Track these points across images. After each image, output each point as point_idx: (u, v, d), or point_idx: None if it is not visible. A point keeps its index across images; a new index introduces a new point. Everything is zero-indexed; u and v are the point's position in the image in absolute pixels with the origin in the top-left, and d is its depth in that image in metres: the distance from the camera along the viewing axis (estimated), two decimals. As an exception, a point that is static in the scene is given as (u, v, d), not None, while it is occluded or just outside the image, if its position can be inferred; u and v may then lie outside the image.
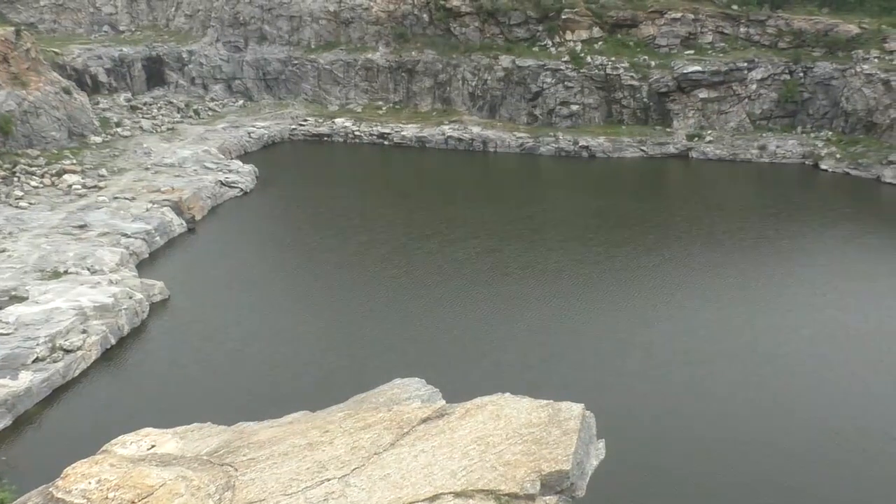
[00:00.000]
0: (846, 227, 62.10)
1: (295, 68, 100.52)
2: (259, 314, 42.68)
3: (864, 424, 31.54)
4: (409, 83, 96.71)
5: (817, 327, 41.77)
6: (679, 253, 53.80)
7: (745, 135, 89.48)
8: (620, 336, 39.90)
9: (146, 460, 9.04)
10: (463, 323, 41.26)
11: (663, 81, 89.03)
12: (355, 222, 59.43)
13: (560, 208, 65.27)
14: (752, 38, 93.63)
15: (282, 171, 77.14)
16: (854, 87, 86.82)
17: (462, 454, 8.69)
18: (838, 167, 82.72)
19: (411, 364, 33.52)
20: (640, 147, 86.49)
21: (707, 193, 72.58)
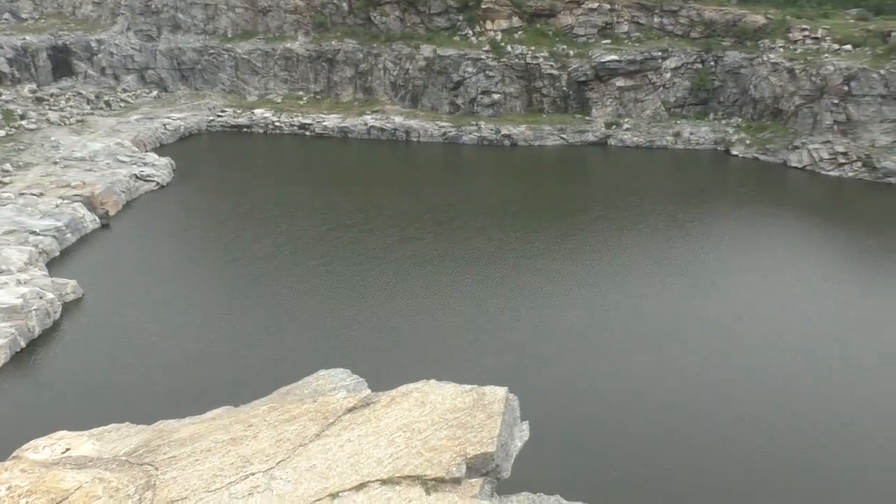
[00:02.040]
0: (753, 209, 64.96)
1: (211, 58, 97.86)
2: (177, 310, 41.51)
3: (770, 400, 33.02)
4: (329, 73, 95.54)
5: (723, 307, 43.37)
6: (596, 238, 55.02)
7: (661, 122, 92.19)
8: (541, 320, 40.57)
9: (60, 464, 8.70)
10: (385, 311, 41.16)
11: (582, 70, 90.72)
12: (275, 213, 58.49)
13: (481, 196, 65.80)
14: (665, 28, 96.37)
15: (200, 163, 75.13)
16: (761, 75, 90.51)
17: (388, 442, 8.71)
18: (748, 153, 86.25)
19: (335, 355, 33.34)
20: (560, 135, 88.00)
21: (624, 179, 74.48)
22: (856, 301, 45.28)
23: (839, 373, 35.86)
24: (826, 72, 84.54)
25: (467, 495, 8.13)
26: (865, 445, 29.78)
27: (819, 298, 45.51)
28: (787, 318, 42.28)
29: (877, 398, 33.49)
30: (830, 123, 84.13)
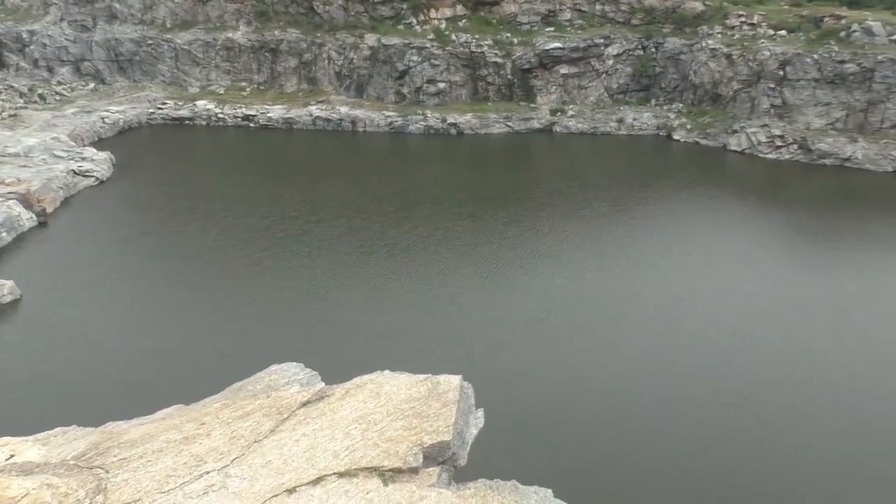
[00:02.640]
0: (695, 192, 66.59)
1: (150, 49, 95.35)
2: (121, 308, 40.52)
3: (714, 381, 33.93)
4: (273, 63, 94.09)
5: (666, 290, 44.29)
6: (542, 224, 55.56)
7: (605, 108, 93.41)
8: (490, 307, 40.84)
9: (5, 471, 8.45)
10: (335, 303, 40.91)
11: (526, 58, 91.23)
12: (219, 207, 57.44)
13: (428, 185, 65.86)
14: (607, 16, 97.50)
15: (141, 157, 73.31)
16: (700, 61, 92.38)
17: (344, 434, 8.69)
18: (689, 137, 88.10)
19: (287, 349, 32.98)
20: (506, 123, 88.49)
21: (569, 166, 75.35)
22: (794, 280, 46.77)
23: (780, 351, 37.00)
24: (762, 57, 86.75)
25: (425, 484, 8.18)
26: (808, 423, 30.84)
27: (759, 279, 46.82)
28: (728, 298, 43.39)
29: (816, 376, 34.68)
30: (767, 107, 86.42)
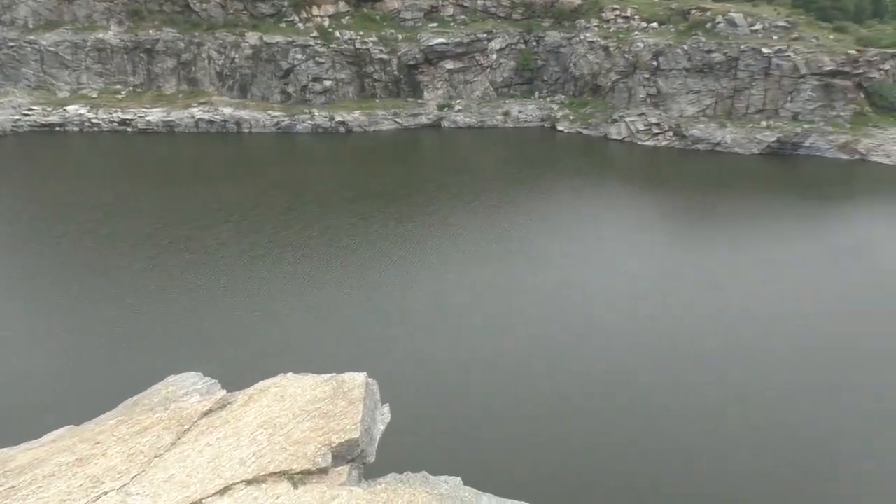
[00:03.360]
0: (579, 181, 68.97)
1: (11, 51, 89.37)
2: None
3: (608, 362, 35.32)
4: (149, 64, 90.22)
5: (556, 277, 45.58)
6: (432, 219, 55.98)
7: (490, 102, 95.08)
8: (386, 303, 40.73)
9: None
10: (229, 309, 39.70)
11: (411, 54, 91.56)
12: (97, 216, 54.44)
13: (318, 184, 64.99)
14: (489, 11, 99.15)
15: (6, 167, 68.75)
16: (580, 53, 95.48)
17: (250, 441, 8.53)
18: (572, 128, 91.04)
19: (183, 359, 31.82)
20: (394, 119, 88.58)
21: (458, 160, 76.30)
22: (674, 260, 49.25)
23: (664, 328, 38.83)
24: (637, 49, 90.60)
25: (335, 483, 8.15)
26: (693, 399, 32.53)
27: (642, 261, 48.91)
28: (614, 280, 45.10)
29: (696, 351, 36.63)
30: (644, 97, 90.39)
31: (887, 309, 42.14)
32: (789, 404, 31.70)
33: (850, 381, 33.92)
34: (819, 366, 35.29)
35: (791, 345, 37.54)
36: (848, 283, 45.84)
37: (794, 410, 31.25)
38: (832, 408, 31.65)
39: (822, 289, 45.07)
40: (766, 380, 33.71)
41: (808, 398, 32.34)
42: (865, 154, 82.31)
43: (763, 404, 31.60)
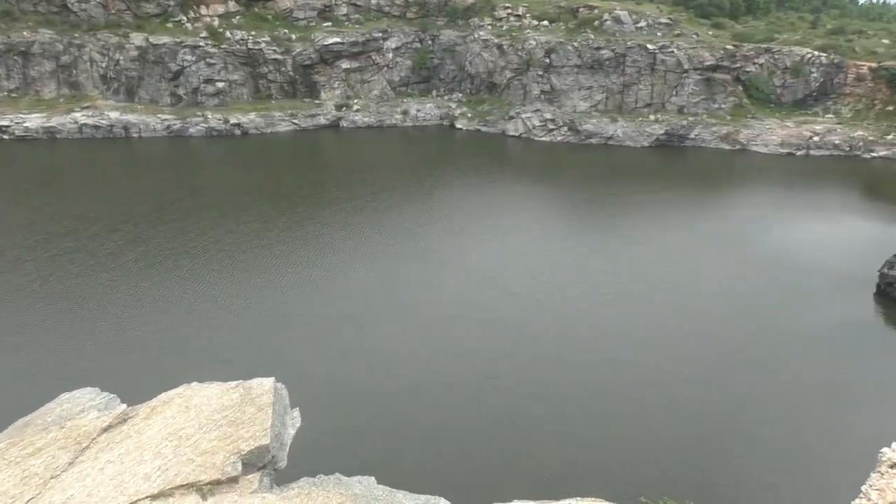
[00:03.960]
0: (478, 177, 69.85)
1: None
2: None
3: (513, 351, 36.08)
4: (24, 67, 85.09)
5: (458, 272, 46.12)
6: (333, 219, 55.26)
7: (389, 101, 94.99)
8: (290, 307, 40.00)
9: None
10: (124, 320, 37.90)
11: (306, 54, 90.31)
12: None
13: (214, 189, 63.00)
14: (383, 10, 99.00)
15: None
16: (475, 52, 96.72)
17: (154, 454, 8.24)
18: (471, 125, 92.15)
19: (77, 375, 30.32)
20: (292, 120, 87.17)
21: (358, 160, 75.77)
22: (570, 249, 50.66)
23: (564, 318, 39.92)
24: (529, 46, 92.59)
25: (246, 492, 7.99)
26: (598, 383, 33.64)
27: (542, 253, 50.11)
28: (516, 276, 45.96)
29: (585, 333, 37.93)
30: (538, 93, 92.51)
31: (771, 287, 44.85)
32: (683, 380, 33.25)
33: (739, 355, 35.92)
34: (708, 344, 37.17)
35: (684, 324, 39.41)
36: (732, 264, 48.45)
37: (687, 385, 32.80)
38: (721, 380, 33.39)
39: (709, 271, 47.44)
40: (660, 357, 35.24)
41: (699, 374, 34.00)
42: (746, 144, 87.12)
43: (659, 380, 33.01)
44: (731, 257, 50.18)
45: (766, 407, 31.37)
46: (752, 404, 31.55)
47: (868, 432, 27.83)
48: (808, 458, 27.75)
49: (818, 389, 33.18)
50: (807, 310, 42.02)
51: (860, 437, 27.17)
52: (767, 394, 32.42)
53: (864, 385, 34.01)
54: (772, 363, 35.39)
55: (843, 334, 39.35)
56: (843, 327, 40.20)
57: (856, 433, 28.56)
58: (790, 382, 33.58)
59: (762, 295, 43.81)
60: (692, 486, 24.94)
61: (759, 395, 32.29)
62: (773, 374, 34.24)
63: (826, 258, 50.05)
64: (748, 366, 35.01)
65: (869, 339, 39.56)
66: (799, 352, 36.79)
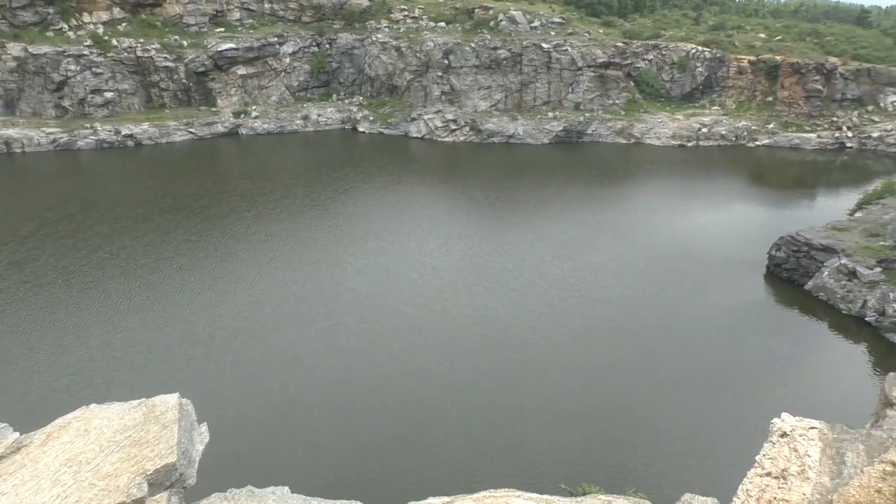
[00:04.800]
0: (382, 180, 69.70)
1: None
2: None
3: (420, 354, 36.20)
4: None
5: (366, 276, 45.90)
6: (235, 228, 53.87)
7: (288, 107, 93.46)
8: (192, 320, 38.65)
9: None
10: (13, 345, 35.60)
11: (200, 61, 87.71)
12: None
13: (106, 203, 59.90)
14: (277, 14, 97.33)
15: None
16: (373, 54, 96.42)
17: (52, 482, 7.79)
18: (373, 128, 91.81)
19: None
20: (188, 129, 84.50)
21: (259, 167, 74.13)
22: (475, 248, 51.19)
23: (470, 320, 40.24)
24: (427, 48, 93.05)
25: (153, 513, 7.67)
26: (507, 381, 34.14)
27: (447, 252, 50.43)
28: (421, 278, 45.98)
29: (493, 332, 38.49)
30: (439, 94, 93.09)
31: (668, 275, 46.68)
32: (589, 371, 34.20)
33: (641, 343, 37.23)
34: (610, 334, 38.37)
35: (587, 316, 40.52)
36: (630, 255, 50.19)
37: (593, 375, 33.76)
38: (626, 369, 34.52)
39: (608, 263, 48.98)
40: (566, 351, 36.13)
41: (603, 364, 35.05)
42: (640, 137, 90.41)
43: (566, 372, 33.82)
44: (630, 248, 51.95)
45: (669, 391, 32.65)
46: (655, 390, 32.77)
47: (762, 405, 29.40)
48: (709, 435, 29.03)
49: (716, 370, 34.79)
50: (703, 295, 43.98)
51: (755, 410, 28.59)
52: (669, 379, 33.74)
53: (758, 361, 35.92)
54: (672, 349, 36.87)
55: (737, 316, 41.41)
56: (737, 309, 42.32)
57: (751, 407, 30.09)
58: (690, 366, 35.08)
59: (661, 283, 45.57)
60: (604, 472, 25.67)
61: (661, 381, 33.57)
62: (673, 360, 35.68)
63: (719, 244, 52.55)
64: (650, 353, 36.36)
65: (761, 318, 41.79)
66: (697, 336, 38.49)
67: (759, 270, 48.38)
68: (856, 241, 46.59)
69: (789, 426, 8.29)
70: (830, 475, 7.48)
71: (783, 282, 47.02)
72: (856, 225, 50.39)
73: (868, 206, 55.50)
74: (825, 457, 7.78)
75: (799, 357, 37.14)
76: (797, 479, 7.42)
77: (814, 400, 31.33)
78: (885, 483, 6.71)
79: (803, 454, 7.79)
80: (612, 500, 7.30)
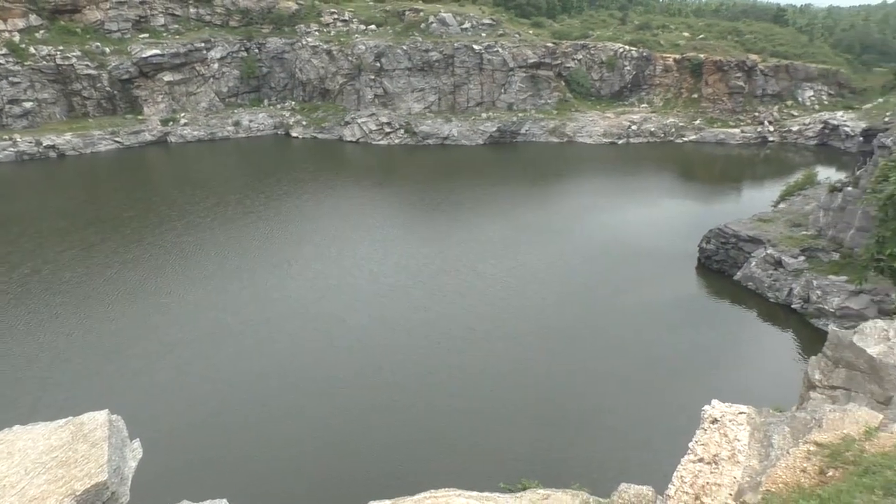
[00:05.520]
0: (315, 184, 69.03)
1: None
2: None
3: (357, 361, 35.99)
4: None
5: (303, 283, 45.36)
6: (164, 238, 52.43)
7: (219, 113, 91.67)
8: (122, 335, 37.50)
9: None
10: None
11: (124, 68, 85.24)
12: None
13: (26, 217, 57.27)
14: (203, 19, 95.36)
15: None
16: (304, 58, 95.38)
17: (-30, 511, 7.42)
18: (306, 133, 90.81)
19: None
20: (113, 139, 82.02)
21: (189, 175, 72.51)
22: (411, 250, 51.14)
23: (407, 324, 40.23)
24: (359, 51, 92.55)
25: (81, 535, 7.38)
26: (429, 375, 34.20)
27: (383, 255, 50.14)
28: (358, 280, 45.67)
29: (432, 334, 38.57)
30: (372, 97, 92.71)
31: (603, 271, 47.53)
32: (526, 369, 34.53)
33: (577, 339, 37.81)
34: (546, 332, 38.84)
35: (524, 315, 40.92)
36: (565, 252, 50.93)
37: (529, 373, 34.10)
38: (562, 366, 35.00)
39: (544, 261, 49.54)
40: (503, 349, 36.42)
41: (540, 361, 35.45)
42: (572, 136, 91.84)
43: (504, 372, 34.10)
44: (566, 246, 52.68)
45: (607, 386, 33.20)
46: (593, 385, 33.29)
47: (696, 394, 30.13)
48: (646, 426, 29.61)
49: (651, 362, 35.54)
50: (637, 290, 44.88)
51: (689, 399, 29.27)
52: (607, 373, 34.32)
53: (691, 351, 36.88)
54: (608, 344, 37.52)
55: (671, 308, 42.43)
56: (671, 302, 43.37)
57: (686, 396, 30.81)
58: (626, 360, 35.73)
59: (596, 280, 46.33)
60: (545, 468, 25.91)
61: (599, 376, 34.12)
62: (610, 355, 36.29)
63: (652, 239, 53.73)
64: (587, 349, 36.92)
65: (693, 309, 42.93)
66: (632, 330, 39.24)
67: (690, 263, 49.68)
68: (780, 232, 48.32)
69: (719, 412, 8.51)
70: (759, 457, 7.71)
71: (714, 273, 48.40)
72: (780, 216, 52.29)
73: (790, 197, 57.67)
74: (754, 440, 8.01)
75: (730, 345, 38.27)
76: (728, 464, 7.62)
77: (744, 386, 32.30)
78: (809, 462, 6.94)
79: (733, 439, 8.01)
80: (551, 493, 7.38)
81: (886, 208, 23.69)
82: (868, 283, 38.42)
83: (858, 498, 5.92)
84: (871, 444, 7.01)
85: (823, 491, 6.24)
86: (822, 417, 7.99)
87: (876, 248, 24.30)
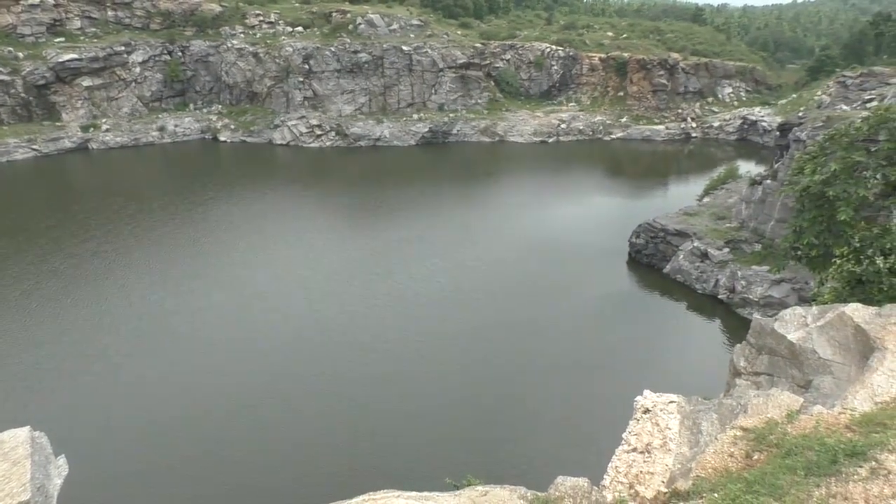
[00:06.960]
0: (244, 189, 67.54)
1: None
2: None
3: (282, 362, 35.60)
4: None
5: (233, 288, 44.54)
6: (83, 248, 50.58)
7: (142, 118, 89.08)
8: (43, 346, 35.97)
9: None
10: None
11: (39, 73, 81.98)
12: None
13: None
14: (123, 22, 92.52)
15: None
16: (230, 61, 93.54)
17: None
18: (235, 137, 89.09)
19: None
20: (30, 146, 78.76)
21: (111, 182, 70.09)
22: (343, 255, 50.74)
23: (338, 325, 39.89)
24: (286, 53, 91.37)
25: (2, 560, 7.06)
26: (365, 381, 34.11)
27: (315, 261, 49.59)
28: (288, 287, 44.97)
29: (366, 339, 38.45)
30: (301, 100, 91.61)
31: (536, 268, 48.13)
32: (465, 369, 34.72)
33: (514, 338, 38.21)
34: (483, 331, 39.13)
35: (460, 315, 41.12)
36: (498, 251, 51.38)
37: (468, 373, 34.31)
38: (501, 365, 35.32)
39: (477, 260, 49.86)
40: (441, 351, 36.54)
41: (478, 360, 35.70)
42: (503, 135, 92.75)
43: (443, 373, 34.21)
44: (499, 244, 53.09)
45: (544, 382, 33.61)
46: (530, 381, 33.65)
47: (629, 385, 30.74)
48: (583, 419, 30.12)
49: (586, 357, 36.20)
50: (570, 286, 45.61)
51: (623, 391, 29.86)
52: (543, 369, 34.75)
53: (624, 344, 37.70)
54: (544, 341, 37.98)
55: (603, 303, 43.30)
56: (603, 296, 44.25)
57: (620, 388, 31.39)
58: (562, 356, 36.26)
59: (529, 277, 46.87)
60: (486, 465, 26.07)
61: (535, 372, 34.52)
62: (546, 351, 36.77)
63: (583, 235, 54.68)
64: (523, 347, 37.29)
65: (625, 302, 43.91)
66: (566, 326, 39.89)
67: (621, 257, 50.77)
68: (706, 225, 49.86)
69: (651, 402, 8.71)
70: (689, 445, 7.92)
71: (644, 267, 49.59)
72: (705, 209, 53.94)
73: (714, 191, 59.58)
74: (684, 428, 8.22)
75: (661, 337, 39.29)
76: (660, 452, 7.80)
77: (675, 375, 33.19)
78: (736, 447, 7.17)
79: (664, 427, 8.20)
80: (489, 490, 7.41)
81: (802, 200, 24.60)
82: (787, 272, 39.96)
83: (782, 479, 6.15)
84: (792, 427, 7.29)
85: (749, 474, 6.46)
86: (747, 403, 8.27)
87: (793, 238, 25.24)
